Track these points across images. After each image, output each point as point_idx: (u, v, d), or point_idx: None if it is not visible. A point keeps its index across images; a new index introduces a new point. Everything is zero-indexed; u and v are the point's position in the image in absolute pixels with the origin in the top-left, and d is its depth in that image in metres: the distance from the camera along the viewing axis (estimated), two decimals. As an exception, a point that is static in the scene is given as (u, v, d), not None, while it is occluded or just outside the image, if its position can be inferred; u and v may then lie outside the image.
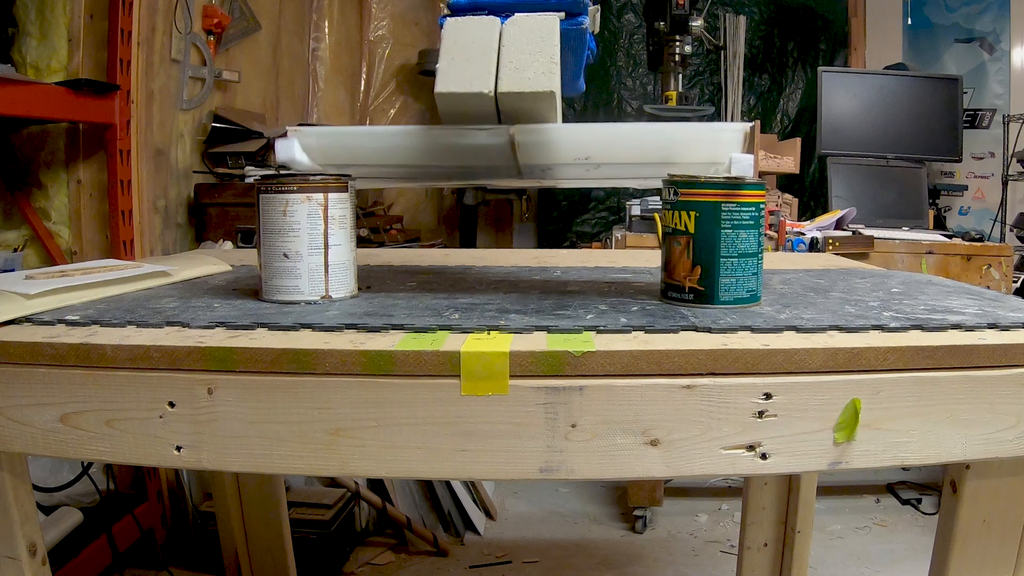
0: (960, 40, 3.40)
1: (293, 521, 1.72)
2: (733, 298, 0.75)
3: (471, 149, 0.82)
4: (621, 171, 0.86)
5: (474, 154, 0.82)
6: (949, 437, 0.62)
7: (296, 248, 0.76)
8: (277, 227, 0.76)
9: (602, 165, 0.83)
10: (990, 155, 3.36)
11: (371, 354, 0.60)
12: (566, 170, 0.86)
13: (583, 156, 0.82)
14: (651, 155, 0.82)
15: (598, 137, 0.83)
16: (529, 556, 2.05)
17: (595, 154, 0.82)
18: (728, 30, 3.58)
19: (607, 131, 0.84)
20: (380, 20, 3.34)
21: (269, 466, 0.62)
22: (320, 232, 0.76)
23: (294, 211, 0.75)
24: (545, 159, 0.82)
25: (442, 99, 0.75)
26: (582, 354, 0.60)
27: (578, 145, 0.82)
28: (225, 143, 2.32)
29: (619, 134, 0.85)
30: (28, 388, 0.64)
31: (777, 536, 1.47)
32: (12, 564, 0.71)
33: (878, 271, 1.12)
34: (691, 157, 0.81)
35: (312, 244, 0.76)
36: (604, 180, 0.90)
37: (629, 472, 0.61)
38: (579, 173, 0.87)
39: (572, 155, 0.82)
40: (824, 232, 2.27)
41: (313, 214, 0.75)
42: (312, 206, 0.75)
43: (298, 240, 0.76)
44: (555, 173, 0.87)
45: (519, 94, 0.74)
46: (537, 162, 0.83)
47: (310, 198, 0.75)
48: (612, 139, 0.84)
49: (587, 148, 0.82)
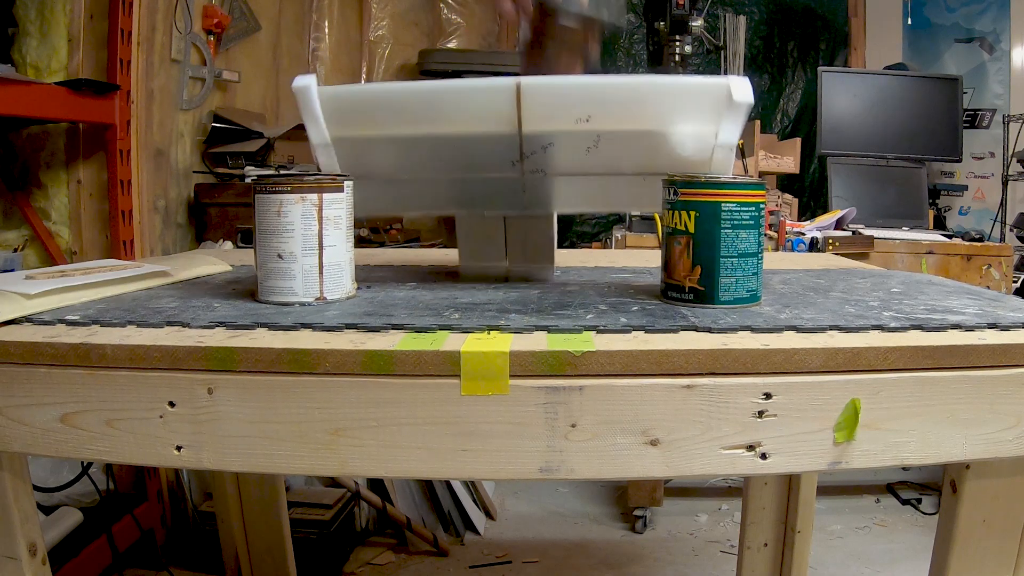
0: (960, 40, 3.40)
1: (293, 521, 1.72)
2: (733, 298, 0.75)
3: (477, 102, 0.81)
4: (622, 148, 0.84)
5: (479, 115, 0.82)
6: (949, 437, 0.62)
7: (290, 249, 0.75)
8: (272, 228, 0.75)
9: (601, 137, 0.82)
10: (990, 155, 3.35)
11: (371, 354, 0.60)
12: (566, 147, 0.84)
13: (584, 116, 0.80)
14: (651, 110, 0.82)
15: (598, 91, 0.82)
16: (529, 556, 2.05)
17: (595, 113, 0.81)
18: (728, 30, 3.58)
19: (607, 83, 0.84)
20: (380, 20, 3.34)
21: (269, 466, 0.62)
22: (314, 233, 0.75)
23: (288, 211, 0.75)
24: (549, 122, 0.81)
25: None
26: (582, 354, 0.60)
27: (582, 101, 0.81)
28: (225, 143, 2.32)
29: (618, 86, 0.84)
30: (28, 388, 0.64)
31: (777, 536, 1.47)
32: (12, 564, 0.72)
33: (878, 271, 1.12)
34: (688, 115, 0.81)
35: (306, 245, 0.76)
36: (604, 173, 0.89)
37: (629, 472, 0.61)
38: (579, 159, 0.85)
39: (574, 116, 0.81)
40: (824, 232, 2.27)
41: (307, 215, 0.75)
42: (306, 206, 0.75)
43: (292, 241, 0.75)
44: (555, 158, 0.85)
45: None
46: (541, 127, 0.82)
47: (304, 198, 0.75)
48: (612, 93, 0.83)
49: (588, 105, 0.81)
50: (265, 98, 2.76)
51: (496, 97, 0.81)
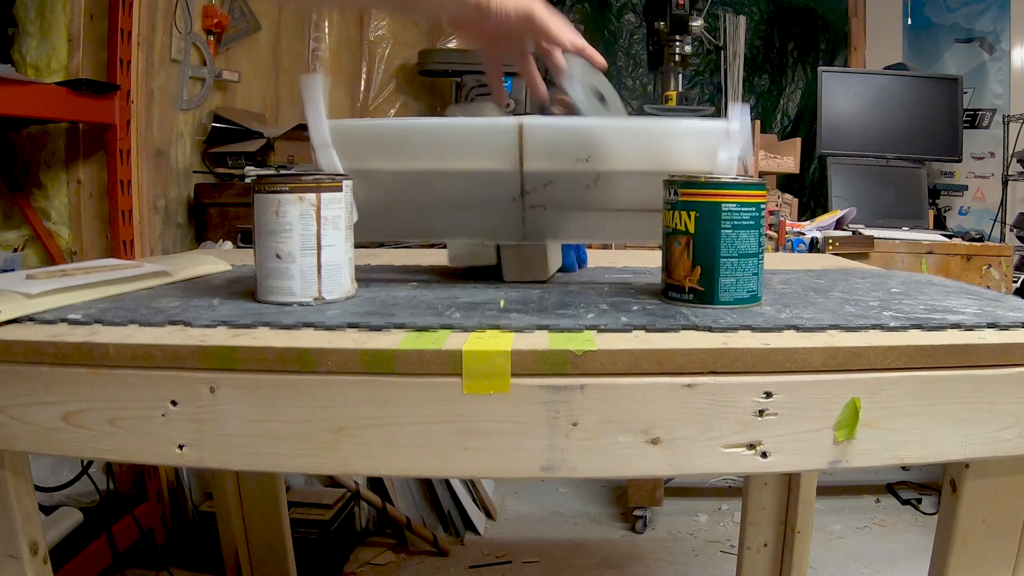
0: (960, 40, 3.40)
1: (293, 521, 1.72)
2: (733, 298, 0.75)
3: (480, 141, 0.84)
4: (621, 186, 0.87)
5: (481, 152, 0.85)
6: (949, 436, 0.62)
7: (288, 249, 0.75)
8: (270, 228, 0.75)
9: (600, 176, 0.85)
10: (990, 155, 3.36)
11: (373, 353, 0.60)
12: (566, 185, 0.87)
13: (584, 156, 0.84)
14: (649, 153, 0.84)
15: (597, 134, 0.85)
16: (529, 556, 2.06)
17: (595, 154, 0.84)
18: (728, 30, 3.58)
19: (606, 126, 0.87)
20: (380, 20, 3.34)
21: (271, 465, 0.62)
22: (313, 233, 0.75)
23: (286, 211, 0.74)
24: (549, 161, 0.85)
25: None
26: (583, 353, 0.60)
27: (582, 143, 0.84)
28: (225, 143, 2.32)
29: (616, 130, 0.87)
30: (31, 387, 0.64)
31: (777, 536, 1.47)
32: (14, 563, 0.72)
33: (878, 271, 1.12)
34: (687, 157, 0.83)
35: (304, 245, 0.75)
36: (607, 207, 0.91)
37: (630, 470, 0.61)
38: (579, 196, 0.88)
39: (574, 156, 0.84)
40: (824, 232, 2.27)
41: (305, 214, 0.75)
42: (304, 206, 0.75)
43: (290, 241, 0.75)
44: (555, 195, 0.88)
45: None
46: (542, 166, 0.85)
47: (302, 198, 0.74)
48: (611, 135, 0.85)
49: (588, 147, 0.84)
50: (265, 98, 2.76)
51: (500, 136, 0.85)
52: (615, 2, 3.59)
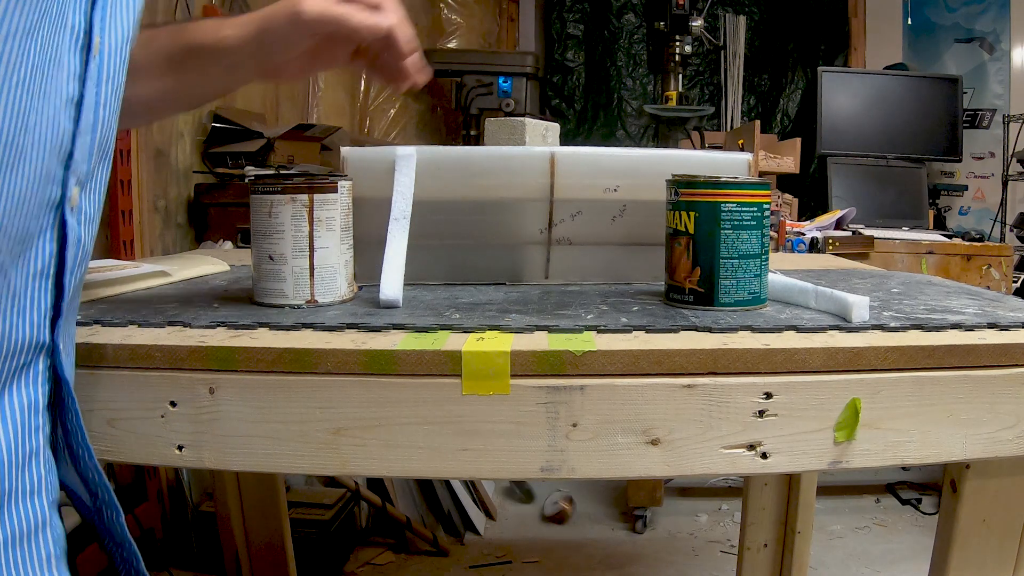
0: (960, 40, 3.40)
1: (293, 521, 1.72)
2: (734, 300, 0.74)
3: (509, 167, 0.87)
4: (646, 218, 0.89)
5: (511, 175, 0.88)
6: (949, 437, 0.62)
7: (280, 250, 0.74)
8: (263, 229, 0.75)
9: (628, 206, 0.89)
10: (990, 155, 3.36)
11: (372, 353, 0.60)
12: (593, 215, 0.90)
13: (612, 186, 0.88)
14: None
15: (627, 162, 0.90)
16: (529, 556, 2.06)
17: (623, 184, 0.88)
18: (728, 30, 3.58)
19: (636, 155, 0.92)
20: (380, 20, 3.34)
21: (271, 465, 0.62)
22: (305, 234, 0.74)
23: (278, 212, 0.74)
24: (579, 189, 0.88)
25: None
26: (583, 353, 0.60)
27: (611, 171, 0.89)
28: (225, 143, 2.32)
29: (645, 158, 0.91)
30: (30, 388, 0.64)
31: (777, 536, 1.47)
32: (13, 563, 0.71)
33: (878, 271, 1.12)
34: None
35: (296, 247, 0.74)
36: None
37: (630, 471, 0.61)
38: (605, 229, 0.90)
39: (603, 185, 0.88)
40: (824, 232, 2.27)
41: (297, 215, 0.74)
42: (296, 207, 0.74)
43: (282, 242, 0.74)
44: (582, 227, 0.90)
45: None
46: (572, 194, 0.88)
47: (294, 199, 0.74)
48: (639, 164, 0.90)
49: (617, 175, 0.89)
50: (265, 98, 2.76)
51: (531, 163, 0.87)
52: (615, 2, 3.59)
